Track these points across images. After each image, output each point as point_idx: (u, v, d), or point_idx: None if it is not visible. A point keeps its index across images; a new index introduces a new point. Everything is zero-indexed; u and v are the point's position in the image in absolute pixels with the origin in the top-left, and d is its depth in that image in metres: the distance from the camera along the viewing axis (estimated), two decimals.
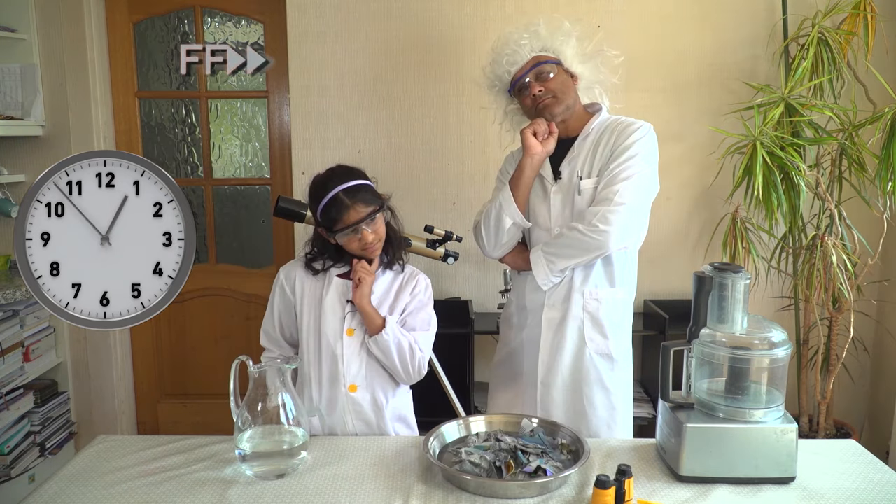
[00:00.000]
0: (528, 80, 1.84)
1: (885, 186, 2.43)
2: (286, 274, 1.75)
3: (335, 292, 1.69)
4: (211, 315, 3.21)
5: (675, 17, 2.81)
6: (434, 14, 2.83)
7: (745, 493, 1.31)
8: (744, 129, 2.56)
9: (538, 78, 1.83)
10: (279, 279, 1.75)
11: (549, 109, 1.84)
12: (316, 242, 1.74)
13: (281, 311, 1.75)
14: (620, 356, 1.88)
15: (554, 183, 1.87)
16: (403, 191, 2.91)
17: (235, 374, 1.42)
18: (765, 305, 2.87)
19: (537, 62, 1.83)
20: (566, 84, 1.85)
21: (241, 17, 3.05)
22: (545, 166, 1.89)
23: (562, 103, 1.84)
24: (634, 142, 1.77)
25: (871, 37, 2.55)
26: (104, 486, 1.35)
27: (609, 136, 1.83)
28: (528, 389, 1.93)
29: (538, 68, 1.83)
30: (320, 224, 1.67)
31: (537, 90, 1.82)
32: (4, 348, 2.58)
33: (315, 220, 1.70)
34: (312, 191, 1.68)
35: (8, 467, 2.62)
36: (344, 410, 1.68)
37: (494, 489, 1.30)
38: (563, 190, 1.86)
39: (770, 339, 1.35)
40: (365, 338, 1.67)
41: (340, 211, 1.61)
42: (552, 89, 1.83)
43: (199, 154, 3.16)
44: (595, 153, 1.83)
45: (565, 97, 1.84)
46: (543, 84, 1.83)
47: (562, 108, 1.84)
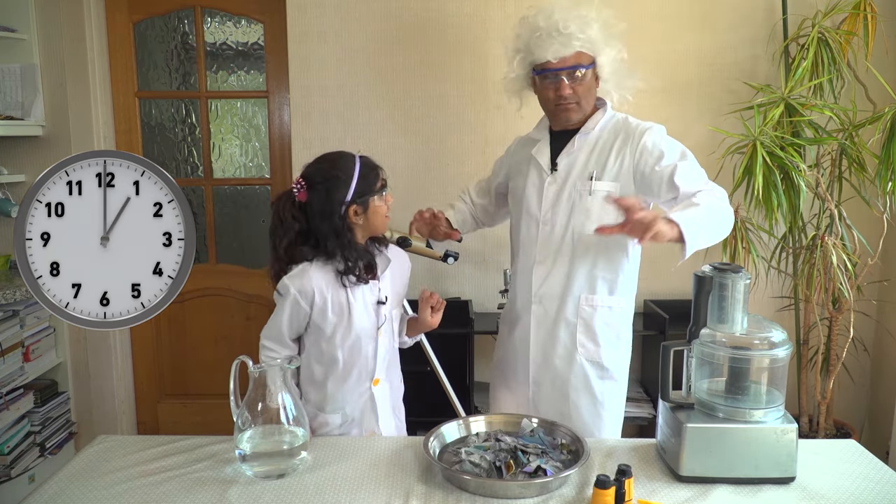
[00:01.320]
0: (562, 77, 1.76)
1: (885, 186, 2.43)
2: (299, 288, 1.60)
3: (364, 296, 1.66)
4: (211, 315, 3.21)
5: (675, 17, 2.81)
6: (434, 14, 2.83)
7: (745, 493, 1.31)
8: (744, 129, 2.56)
9: (571, 77, 1.76)
10: (290, 293, 1.61)
11: (569, 115, 1.80)
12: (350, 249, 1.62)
13: (292, 324, 1.66)
14: (613, 366, 1.85)
15: (549, 174, 1.84)
16: (403, 191, 2.92)
17: (235, 374, 1.42)
18: (765, 305, 2.87)
19: (578, 63, 1.75)
20: (591, 87, 1.81)
21: (241, 17, 3.05)
22: (543, 155, 1.86)
23: (581, 110, 1.80)
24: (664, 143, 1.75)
25: (871, 37, 2.55)
26: (104, 486, 1.35)
27: (624, 139, 1.78)
28: (522, 387, 1.93)
29: (577, 69, 1.75)
30: (354, 200, 1.59)
31: (567, 91, 1.76)
32: (4, 348, 2.58)
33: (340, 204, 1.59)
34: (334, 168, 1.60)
35: (8, 467, 2.62)
36: (367, 405, 1.71)
37: (494, 489, 1.30)
38: (559, 183, 1.82)
39: (770, 339, 1.35)
40: (394, 332, 1.74)
41: (376, 169, 1.64)
42: (579, 94, 1.77)
43: (199, 154, 3.16)
44: (608, 154, 1.79)
45: (587, 103, 1.80)
46: (574, 86, 1.76)
47: (580, 115, 1.81)
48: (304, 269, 1.62)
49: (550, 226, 1.83)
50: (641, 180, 1.76)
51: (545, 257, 1.84)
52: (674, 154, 1.74)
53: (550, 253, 1.83)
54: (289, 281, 1.62)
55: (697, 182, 1.69)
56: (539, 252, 1.84)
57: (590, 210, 1.78)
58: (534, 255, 1.85)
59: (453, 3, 2.82)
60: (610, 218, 1.72)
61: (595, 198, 1.77)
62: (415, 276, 2.91)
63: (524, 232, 1.89)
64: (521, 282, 1.90)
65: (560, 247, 1.82)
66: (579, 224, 1.79)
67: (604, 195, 1.75)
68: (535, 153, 1.89)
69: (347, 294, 1.63)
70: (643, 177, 1.75)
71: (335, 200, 1.59)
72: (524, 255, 1.89)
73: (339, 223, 1.60)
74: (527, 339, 1.89)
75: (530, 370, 1.89)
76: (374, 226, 1.66)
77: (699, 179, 1.71)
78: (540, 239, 1.84)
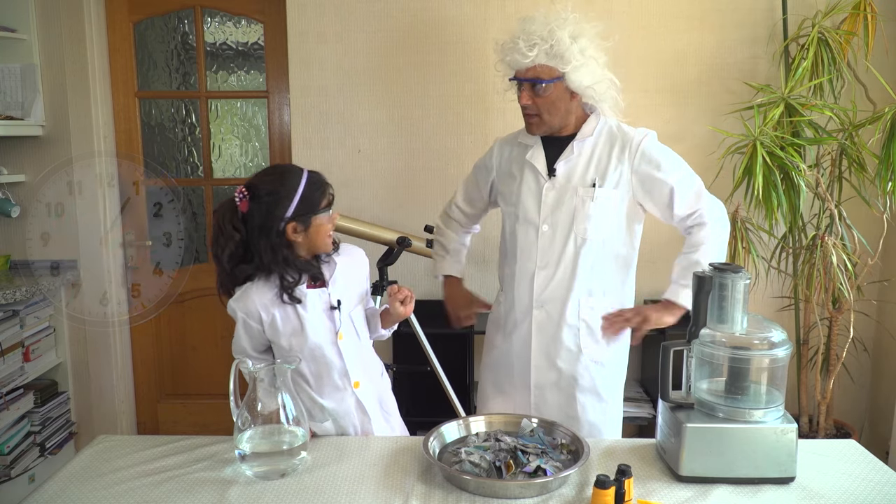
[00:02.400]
0: (522, 88, 1.77)
1: (885, 186, 2.43)
2: (244, 311, 1.59)
3: (313, 305, 1.61)
4: (211, 315, 3.21)
5: (675, 17, 2.81)
6: (434, 14, 2.83)
7: (745, 493, 1.31)
8: (744, 129, 2.56)
9: (531, 88, 1.75)
10: (238, 316, 1.60)
11: (530, 129, 1.82)
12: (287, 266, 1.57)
13: (252, 340, 1.65)
14: (612, 361, 1.88)
15: (547, 179, 1.84)
16: (403, 191, 2.92)
17: (235, 374, 1.42)
18: (765, 305, 2.87)
19: (536, 77, 1.73)
20: (560, 101, 1.76)
21: (241, 17, 3.05)
22: (538, 160, 1.85)
23: (544, 125, 1.79)
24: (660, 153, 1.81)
25: (871, 37, 2.55)
26: (104, 486, 1.35)
27: (621, 147, 1.80)
28: (520, 392, 1.91)
29: (536, 83, 1.73)
30: (294, 217, 1.54)
31: (525, 101, 1.76)
32: (4, 348, 2.58)
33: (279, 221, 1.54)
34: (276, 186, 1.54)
35: (8, 467, 2.62)
36: (352, 409, 1.68)
37: (494, 489, 1.30)
38: (558, 188, 1.82)
39: (770, 339, 1.35)
40: (358, 332, 1.69)
41: (322, 187, 1.58)
42: (539, 106, 1.75)
43: (199, 154, 3.16)
44: (608, 161, 1.80)
45: (552, 118, 1.78)
46: (534, 98, 1.75)
47: (544, 129, 1.81)
48: (247, 290, 1.60)
49: (551, 231, 1.82)
50: (640, 187, 1.81)
51: (546, 263, 1.83)
52: (670, 165, 1.80)
53: (552, 258, 1.82)
54: (234, 304, 1.60)
55: (695, 202, 1.80)
56: (540, 257, 1.83)
57: (592, 216, 1.79)
58: (534, 260, 1.84)
59: (453, 3, 2.82)
60: (610, 224, 1.81)
61: (597, 204, 1.78)
62: (415, 276, 2.94)
63: (521, 237, 1.87)
64: (520, 287, 1.88)
65: (562, 252, 1.82)
66: (581, 230, 1.80)
67: (606, 199, 1.80)
68: (531, 158, 1.86)
69: (296, 307, 1.59)
70: (642, 184, 1.80)
71: (275, 216, 1.53)
72: (523, 260, 1.87)
73: (277, 240, 1.54)
74: (527, 344, 1.88)
75: (531, 375, 1.88)
76: (316, 244, 1.59)
77: (697, 198, 1.81)
78: (540, 244, 1.83)
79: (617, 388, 1.92)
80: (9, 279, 2.73)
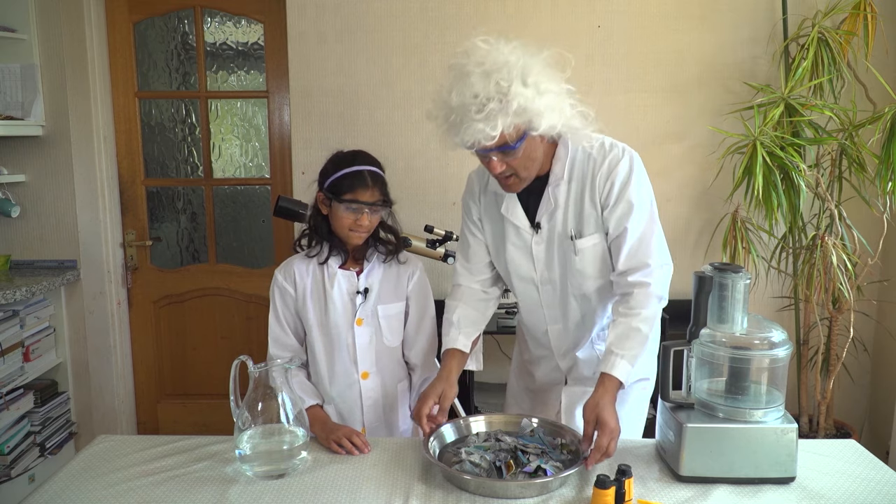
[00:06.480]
0: (490, 156, 1.49)
1: (885, 186, 2.44)
2: (283, 273, 1.75)
3: (340, 284, 1.71)
4: (211, 315, 3.21)
5: (675, 17, 2.81)
6: (434, 14, 2.83)
7: (745, 493, 1.31)
8: (744, 129, 2.56)
9: (500, 154, 1.48)
10: (277, 280, 1.75)
11: (509, 189, 1.59)
12: (316, 231, 1.73)
13: (285, 313, 1.75)
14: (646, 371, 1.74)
15: (535, 233, 1.65)
16: (403, 191, 2.92)
17: (235, 374, 1.42)
18: (765, 305, 2.87)
19: (504, 143, 1.44)
20: (534, 152, 1.52)
21: (241, 17, 3.05)
22: (517, 215, 1.65)
23: (523, 181, 1.56)
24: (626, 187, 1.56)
25: (871, 37, 2.55)
26: (104, 486, 1.35)
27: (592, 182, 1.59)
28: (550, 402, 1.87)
29: (504, 149, 1.46)
30: (325, 189, 1.66)
31: (499, 169, 1.50)
32: (4, 348, 2.58)
33: (320, 186, 1.69)
34: (335, 160, 1.69)
35: (8, 467, 2.61)
36: (356, 398, 1.74)
37: (494, 489, 1.30)
38: (546, 241, 1.66)
39: (770, 339, 1.35)
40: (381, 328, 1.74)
41: (358, 185, 1.64)
42: (515, 167, 1.51)
43: (199, 154, 3.16)
44: (582, 203, 1.61)
45: (530, 172, 1.55)
46: (507, 161, 1.49)
47: (524, 185, 1.58)
48: (289, 260, 1.78)
49: (551, 287, 1.71)
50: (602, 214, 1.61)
51: (555, 318, 1.74)
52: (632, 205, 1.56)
53: (560, 313, 1.74)
54: (277, 271, 1.77)
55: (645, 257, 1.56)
56: (548, 314, 1.74)
57: (579, 270, 1.65)
58: (543, 317, 1.75)
59: (453, 3, 2.82)
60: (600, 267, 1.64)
61: (581, 256, 1.63)
62: None
63: (523, 295, 1.76)
64: (535, 338, 1.82)
65: (566, 305, 1.72)
66: (577, 284, 1.67)
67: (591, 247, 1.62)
68: (508, 213, 1.66)
69: (325, 280, 1.71)
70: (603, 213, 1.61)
71: (320, 181, 1.71)
72: (530, 317, 1.79)
73: (315, 202, 1.73)
74: (557, 378, 1.83)
75: (562, 396, 1.80)
76: (336, 228, 1.69)
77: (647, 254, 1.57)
78: (545, 301, 1.73)
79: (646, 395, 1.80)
80: (9, 279, 2.73)
